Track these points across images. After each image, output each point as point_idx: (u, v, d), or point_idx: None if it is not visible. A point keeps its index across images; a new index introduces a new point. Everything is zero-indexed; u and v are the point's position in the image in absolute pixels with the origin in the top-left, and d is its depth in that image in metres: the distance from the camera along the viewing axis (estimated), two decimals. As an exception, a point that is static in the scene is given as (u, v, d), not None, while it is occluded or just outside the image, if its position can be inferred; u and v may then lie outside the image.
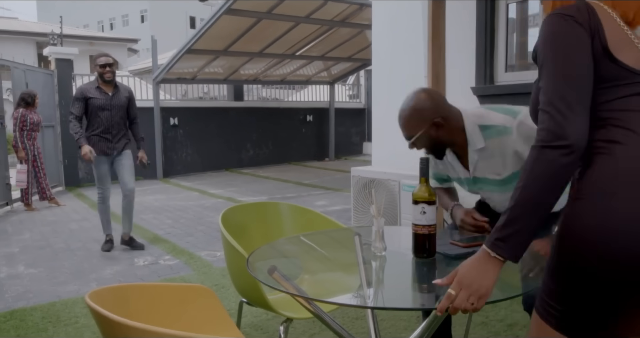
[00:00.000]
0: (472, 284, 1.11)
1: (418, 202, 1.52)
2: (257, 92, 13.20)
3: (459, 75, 3.95)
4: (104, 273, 3.97)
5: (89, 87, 4.38)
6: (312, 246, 1.89)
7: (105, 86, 4.39)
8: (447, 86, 4.04)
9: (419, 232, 1.53)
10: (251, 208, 2.17)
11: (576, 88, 1.07)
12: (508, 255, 1.09)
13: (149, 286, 1.34)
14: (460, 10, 3.90)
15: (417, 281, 1.57)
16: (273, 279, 1.45)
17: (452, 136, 1.82)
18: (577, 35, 1.10)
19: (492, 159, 1.81)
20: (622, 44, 1.11)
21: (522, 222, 1.07)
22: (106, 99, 4.37)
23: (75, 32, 23.15)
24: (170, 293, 1.36)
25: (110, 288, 1.22)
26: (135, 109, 4.62)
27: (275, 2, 7.53)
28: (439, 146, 1.86)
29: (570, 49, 1.09)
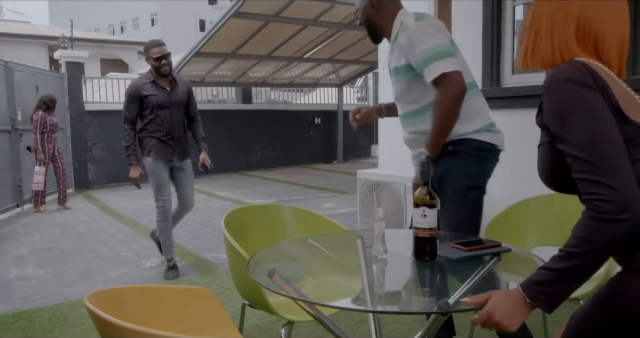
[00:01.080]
0: (502, 320, 1.12)
1: (419, 205, 1.52)
2: (265, 95, 13.23)
3: (466, 77, 3.94)
4: (110, 275, 4.00)
5: (142, 84, 3.72)
6: (314, 248, 1.90)
7: (162, 80, 3.76)
8: (454, 88, 4.03)
9: (420, 235, 1.53)
10: (254, 211, 2.18)
11: (619, 152, 1.04)
12: (546, 308, 1.10)
13: (149, 289, 1.35)
14: (466, 12, 3.89)
15: (419, 285, 1.56)
16: (273, 282, 1.45)
17: (383, 23, 2.18)
18: (595, 97, 1.07)
19: (395, 51, 2.15)
20: (629, 103, 1.10)
21: (569, 284, 1.08)
22: (165, 95, 3.73)
23: (86, 35, 23.36)
24: (170, 295, 1.36)
25: (109, 290, 1.22)
26: (196, 105, 3.99)
27: (283, 5, 7.56)
28: (372, 26, 2.23)
29: (596, 112, 1.06)
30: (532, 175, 3.76)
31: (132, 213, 6.66)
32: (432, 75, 1.99)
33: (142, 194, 8.36)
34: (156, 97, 3.70)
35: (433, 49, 1.99)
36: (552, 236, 2.36)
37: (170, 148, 3.76)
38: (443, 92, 1.98)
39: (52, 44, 18.99)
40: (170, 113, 3.75)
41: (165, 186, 3.81)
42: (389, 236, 1.97)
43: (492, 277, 1.53)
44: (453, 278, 1.56)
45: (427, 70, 2.00)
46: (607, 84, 1.10)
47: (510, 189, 3.72)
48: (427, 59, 2.00)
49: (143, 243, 4.99)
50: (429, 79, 2.01)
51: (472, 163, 2.12)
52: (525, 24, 1.30)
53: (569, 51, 1.19)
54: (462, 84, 1.97)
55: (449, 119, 1.99)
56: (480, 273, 1.54)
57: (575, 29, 1.19)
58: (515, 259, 1.65)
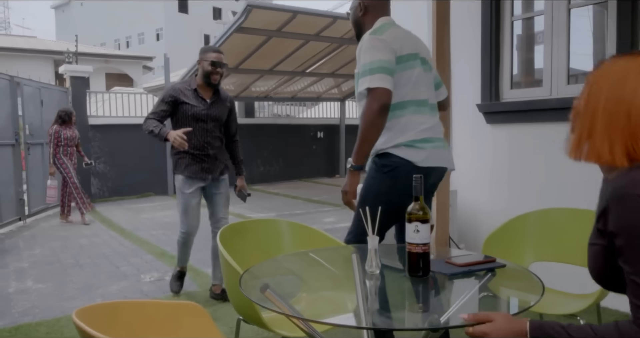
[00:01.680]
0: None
1: (411, 220, 1.52)
2: (269, 109, 13.30)
3: (466, 92, 3.96)
4: (110, 289, 3.99)
5: (183, 88, 3.34)
6: (309, 264, 1.89)
7: (205, 90, 3.39)
8: (454, 103, 4.04)
9: (413, 251, 1.52)
10: (250, 226, 2.18)
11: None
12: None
13: (140, 304, 1.35)
14: (465, 27, 3.92)
15: (412, 301, 1.55)
16: (265, 297, 1.45)
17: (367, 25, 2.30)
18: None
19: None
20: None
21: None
22: (203, 107, 3.34)
23: (93, 50, 23.59)
24: (161, 311, 1.36)
25: (99, 305, 1.22)
26: (237, 124, 3.64)
27: (285, 21, 7.63)
28: (358, 27, 2.37)
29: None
30: (528, 189, 3.77)
31: (133, 226, 6.66)
32: (362, 87, 2.13)
33: (145, 208, 8.39)
34: (193, 108, 3.31)
35: (370, 64, 2.11)
36: (550, 251, 2.35)
37: (205, 166, 3.37)
38: (367, 105, 2.10)
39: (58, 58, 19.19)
40: (205, 128, 3.36)
41: (194, 211, 3.42)
42: (387, 251, 1.97)
43: (486, 293, 1.52)
44: (446, 294, 1.55)
45: (360, 82, 2.15)
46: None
47: (507, 203, 3.72)
48: (363, 72, 2.14)
49: (143, 257, 4.99)
50: (359, 90, 2.16)
51: (380, 178, 2.18)
52: (578, 105, 1.16)
53: (633, 152, 1.06)
54: (386, 100, 2.08)
55: (369, 131, 2.10)
56: (474, 289, 1.53)
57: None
58: (510, 275, 1.64)
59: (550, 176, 3.47)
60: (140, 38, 39.32)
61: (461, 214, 3.99)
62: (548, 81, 3.51)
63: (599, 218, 1.09)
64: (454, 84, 4.03)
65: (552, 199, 3.35)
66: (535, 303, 1.34)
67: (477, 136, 3.93)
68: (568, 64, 3.44)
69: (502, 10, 3.78)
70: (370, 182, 2.21)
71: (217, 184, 3.46)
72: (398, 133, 2.16)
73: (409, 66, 2.20)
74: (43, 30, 71.50)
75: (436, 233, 3.48)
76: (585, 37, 3.69)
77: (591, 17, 3.76)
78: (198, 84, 3.37)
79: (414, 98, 2.20)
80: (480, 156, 3.92)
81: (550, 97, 3.48)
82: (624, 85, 1.08)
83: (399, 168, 2.14)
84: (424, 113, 2.23)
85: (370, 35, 2.18)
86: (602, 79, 1.12)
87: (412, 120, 2.18)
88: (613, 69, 1.12)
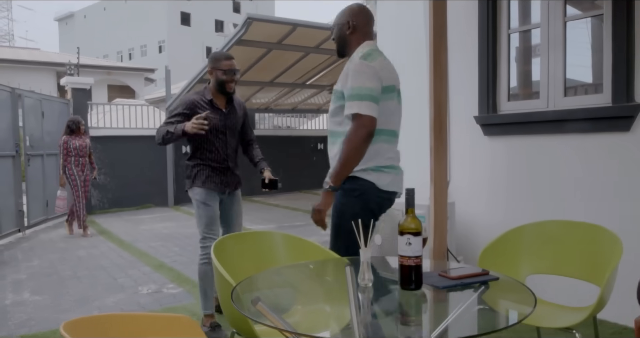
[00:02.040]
0: None
1: (404, 233, 1.52)
2: (269, 121, 13.33)
3: (464, 104, 3.97)
4: (107, 301, 3.98)
5: (199, 100, 3.16)
6: (303, 276, 1.88)
7: (219, 99, 3.21)
8: (452, 115, 4.06)
9: (405, 264, 1.52)
10: (245, 238, 2.17)
11: None
12: None
13: (130, 316, 1.34)
14: (464, 40, 3.94)
15: (404, 314, 1.54)
16: (257, 310, 1.44)
17: (352, 44, 2.40)
18: None
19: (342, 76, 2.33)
20: None
21: None
22: (221, 118, 3.19)
23: (95, 62, 23.76)
24: (152, 324, 1.35)
25: (88, 318, 1.22)
26: (252, 128, 3.56)
27: (285, 33, 7.69)
28: (342, 44, 2.45)
29: None
30: (526, 201, 3.76)
31: (132, 238, 6.65)
32: (350, 110, 2.22)
33: (145, 219, 8.39)
34: (212, 121, 3.10)
35: (359, 89, 2.21)
36: (546, 264, 2.34)
37: (224, 178, 3.24)
38: (354, 131, 2.19)
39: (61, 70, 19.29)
40: (225, 140, 3.22)
41: (217, 223, 3.22)
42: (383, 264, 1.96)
43: (478, 306, 1.51)
44: (439, 307, 1.55)
45: (348, 105, 2.23)
46: None
47: (505, 215, 3.71)
48: (352, 96, 2.22)
49: (141, 268, 4.97)
50: (346, 113, 2.24)
51: (351, 202, 2.28)
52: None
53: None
54: (372, 128, 2.19)
55: (354, 156, 2.20)
56: (467, 302, 1.52)
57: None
58: (503, 287, 1.64)
59: (548, 189, 3.47)
60: (143, 50, 39.58)
61: (459, 226, 3.98)
62: (545, 93, 3.52)
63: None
64: (453, 95, 4.05)
65: (550, 212, 3.34)
66: (527, 315, 1.33)
67: (474, 148, 3.93)
68: (564, 77, 3.45)
69: (499, 24, 3.80)
70: (343, 207, 2.29)
71: (232, 199, 3.33)
72: (367, 158, 2.25)
73: (389, 97, 2.32)
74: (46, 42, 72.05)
75: (434, 245, 3.47)
76: (583, 49, 3.71)
77: (589, 29, 3.78)
78: (212, 94, 3.19)
79: (388, 128, 2.33)
80: (478, 168, 3.92)
81: (547, 110, 3.49)
82: None
83: (368, 191, 2.27)
84: (392, 143, 2.39)
85: (361, 61, 2.26)
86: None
87: (382, 148, 2.31)
88: None
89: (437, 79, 3.39)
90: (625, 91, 3.06)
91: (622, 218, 3.01)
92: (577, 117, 3.29)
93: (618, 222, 2.80)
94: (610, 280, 1.96)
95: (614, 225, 2.27)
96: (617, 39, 3.09)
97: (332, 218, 2.30)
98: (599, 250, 2.15)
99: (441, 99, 3.40)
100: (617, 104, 3.10)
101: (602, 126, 3.19)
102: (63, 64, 11.49)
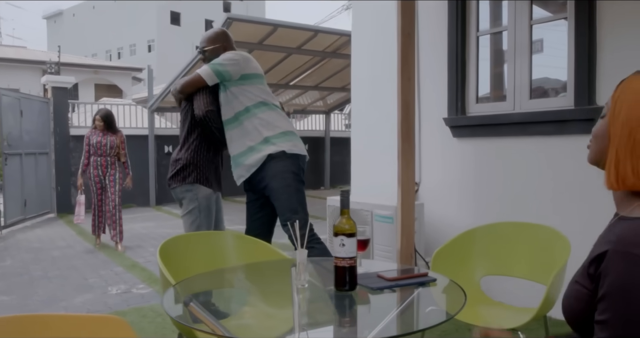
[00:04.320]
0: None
1: (338, 234, 1.52)
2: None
3: (434, 106, 3.98)
4: (74, 301, 3.95)
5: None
6: (246, 277, 1.88)
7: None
8: (422, 116, 4.07)
9: (339, 265, 1.52)
10: (193, 239, 2.17)
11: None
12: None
13: (54, 317, 1.33)
14: (434, 41, 3.96)
15: (335, 315, 1.54)
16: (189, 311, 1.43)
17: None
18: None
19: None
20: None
21: None
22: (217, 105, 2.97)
23: (82, 60, 23.60)
24: (78, 325, 1.34)
25: (8, 318, 1.20)
26: None
27: (266, 33, 7.67)
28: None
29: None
30: (494, 202, 3.77)
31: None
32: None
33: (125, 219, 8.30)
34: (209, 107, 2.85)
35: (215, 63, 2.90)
36: (499, 265, 2.35)
37: (219, 174, 3.08)
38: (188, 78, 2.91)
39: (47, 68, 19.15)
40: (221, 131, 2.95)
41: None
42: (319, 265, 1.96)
43: (408, 306, 1.51)
44: (369, 308, 1.55)
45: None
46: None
47: (474, 216, 3.72)
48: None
49: (114, 269, 4.94)
50: None
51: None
52: (598, 132, 1.12)
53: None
54: None
55: None
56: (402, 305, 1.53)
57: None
58: (439, 289, 1.64)
59: (515, 190, 3.49)
60: (132, 49, 39.35)
61: (429, 227, 3.99)
62: (512, 95, 3.54)
63: (592, 262, 1.01)
64: (423, 98, 4.06)
65: (517, 213, 3.35)
66: (453, 316, 1.34)
67: (444, 149, 3.95)
68: (530, 79, 3.47)
69: (468, 26, 3.82)
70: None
71: (219, 199, 3.13)
72: None
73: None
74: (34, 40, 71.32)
75: (401, 247, 3.47)
76: (560, 51, 3.73)
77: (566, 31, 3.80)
78: None
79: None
80: (448, 169, 3.93)
81: (513, 112, 3.51)
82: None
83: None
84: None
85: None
86: (621, 100, 1.06)
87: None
88: (635, 84, 1.06)
89: (404, 80, 3.40)
90: (587, 93, 3.09)
91: (586, 219, 3.03)
92: (540, 119, 3.31)
93: (583, 223, 2.83)
94: (557, 280, 1.97)
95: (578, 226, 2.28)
96: (579, 41, 3.12)
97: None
98: (548, 250, 2.16)
99: (409, 100, 3.41)
100: (579, 107, 3.12)
101: (564, 129, 3.22)
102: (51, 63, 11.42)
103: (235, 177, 3.05)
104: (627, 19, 2.95)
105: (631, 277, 0.93)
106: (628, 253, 0.95)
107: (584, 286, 1.03)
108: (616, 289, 0.95)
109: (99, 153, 5.68)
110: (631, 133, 1.02)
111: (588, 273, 1.02)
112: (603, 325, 0.96)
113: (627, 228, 0.99)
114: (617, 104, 1.06)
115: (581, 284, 1.05)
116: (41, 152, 8.54)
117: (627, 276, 0.94)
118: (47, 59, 19.49)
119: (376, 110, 4.48)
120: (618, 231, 0.99)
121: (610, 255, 0.97)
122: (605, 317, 0.96)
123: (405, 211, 3.47)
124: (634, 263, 0.93)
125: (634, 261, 0.94)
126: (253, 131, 2.91)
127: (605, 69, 3.04)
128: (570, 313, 1.08)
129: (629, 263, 0.94)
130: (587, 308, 1.02)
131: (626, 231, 0.99)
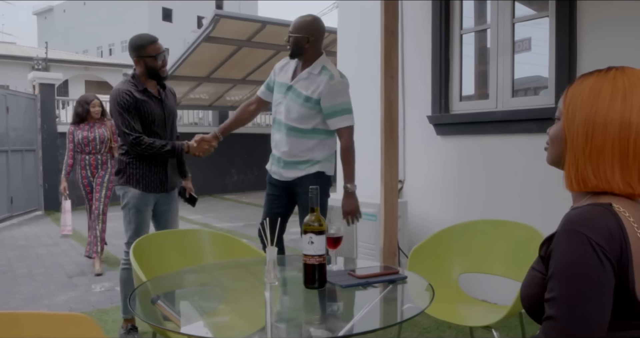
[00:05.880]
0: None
1: (307, 232, 1.51)
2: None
3: (418, 104, 3.99)
4: (57, 299, 3.92)
5: (133, 90, 2.81)
6: (218, 275, 1.88)
7: (151, 86, 2.89)
8: (407, 114, 4.07)
9: (308, 262, 1.52)
10: (169, 236, 2.16)
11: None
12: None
13: (17, 315, 1.32)
14: (418, 39, 3.96)
15: (303, 313, 1.54)
16: (157, 309, 1.43)
17: (308, 55, 2.79)
18: (605, 278, 0.95)
19: (309, 81, 2.76)
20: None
21: None
22: (157, 106, 2.88)
23: (72, 57, 23.45)
24: (42, 323, 1.33)
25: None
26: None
27: (254, 30, 7.65)
28: (299, 52, 2.78)
29: (591, 292, 0.94)
30: (477, 200, 3.78)
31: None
32: (343, 124, 2.76)
33: (111, 216, 8.26)
34: (153, 110, 2.84)
35: (348, 104, 2.79)
36: (477, 263, 2.36)
37: (162, 176, 2.90)
38: (351, 140, 2.80)
39: (36, 65, 19.01)
40: (164, 129, 2.89)
41: (147, 229, 2.87)
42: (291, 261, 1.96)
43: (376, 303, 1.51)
44: (338, 305, 1.55)
45: (340, 118, 2.75)
46: (630, 260, 0.96)
47: (458, 213, 3.73)
48: (345, 110, 2.76)
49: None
50: (338, 125, 2.76)
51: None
52: (555, 135, 1.14)
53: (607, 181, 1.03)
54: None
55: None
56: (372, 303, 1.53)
57: (619, 153, 1.01)
58: (408, 286, 1.64)
59: (497, 188, 3.50)
60: (124, 46, 39.09)
61: (413, 225, 4.00)
62: (494, 93, 3.55)
63: (543, 244, 1.05)
64: (407, 96, 4.06)
65: (500, 211, 3.37)
66: (418, 314, 1.34)
67: (428, 147, 3.95)
68: (512, 77, 3.48)
69: (452, 24, 3.83)
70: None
71: (167, 199, 2.99)
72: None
73: None
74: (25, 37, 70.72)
75: (383, 245, 3.48)
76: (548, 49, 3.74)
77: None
78: (144, 82, 2.87)
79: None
80: (431, 167, 3.94)
81: (495, 110, 3.52)
82: (594, 103, 1.04)
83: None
84: None
85: (343, 78, 2.81)
86: (572, 106, 1.07)
87: None
88: (585, 86, 1.07)
89: (387, 78, 3.40)
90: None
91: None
92: (522, 117, 3.32)
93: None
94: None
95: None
96: (560, 39, 3.13)
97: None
98: (526, 248, 2.17)
99: (392, 98, 3.41)
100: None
101: (546, 127, 3.21)
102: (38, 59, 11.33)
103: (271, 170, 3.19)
104: (607, 18, 2.96)
105: (576, 254, 0.96)
106: (574, 231, 0.98)
107: (539, 271, 1.06)
108: (563, 266, 0.97)
109: (87, 150, 4.67)
110: (587, 138, 1.04)
111: (540, 256, 1.06)
112: (552, 302, 0.98)
113: (575, 213, 1.02)
114: (569, 109, 1.07)
115: (537, 270, 1.08)
116: (28, 149, 8.48)
117: (572, 254, 0.97)
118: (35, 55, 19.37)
119: (360, 108, 4.46)
120: (566, 216, 1.03)
121: (557, 235, 1.01)
122: (553, 295, 0.98)
123: (388, 209, 3.47)
124: (580, 241, 0.96)
125: (579, 239, 0.96)
126: (326, 147, 2.90)
127: (585, 67, 3.05)
128: (527, 299, 1.10)
129: (574, 241, 0.97)
130: (541, 291, 1.03)
131: (574, 215, 1.02)
